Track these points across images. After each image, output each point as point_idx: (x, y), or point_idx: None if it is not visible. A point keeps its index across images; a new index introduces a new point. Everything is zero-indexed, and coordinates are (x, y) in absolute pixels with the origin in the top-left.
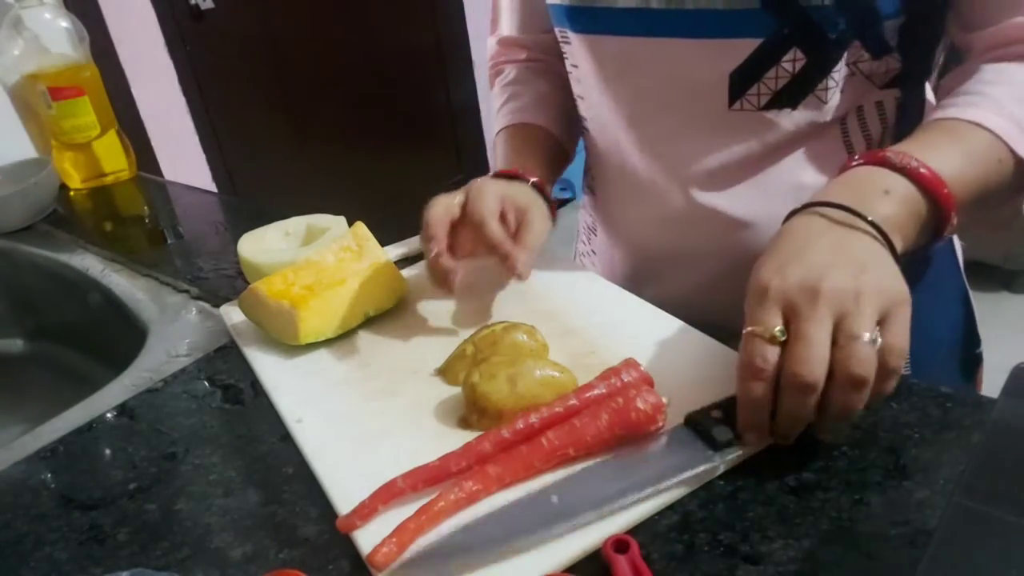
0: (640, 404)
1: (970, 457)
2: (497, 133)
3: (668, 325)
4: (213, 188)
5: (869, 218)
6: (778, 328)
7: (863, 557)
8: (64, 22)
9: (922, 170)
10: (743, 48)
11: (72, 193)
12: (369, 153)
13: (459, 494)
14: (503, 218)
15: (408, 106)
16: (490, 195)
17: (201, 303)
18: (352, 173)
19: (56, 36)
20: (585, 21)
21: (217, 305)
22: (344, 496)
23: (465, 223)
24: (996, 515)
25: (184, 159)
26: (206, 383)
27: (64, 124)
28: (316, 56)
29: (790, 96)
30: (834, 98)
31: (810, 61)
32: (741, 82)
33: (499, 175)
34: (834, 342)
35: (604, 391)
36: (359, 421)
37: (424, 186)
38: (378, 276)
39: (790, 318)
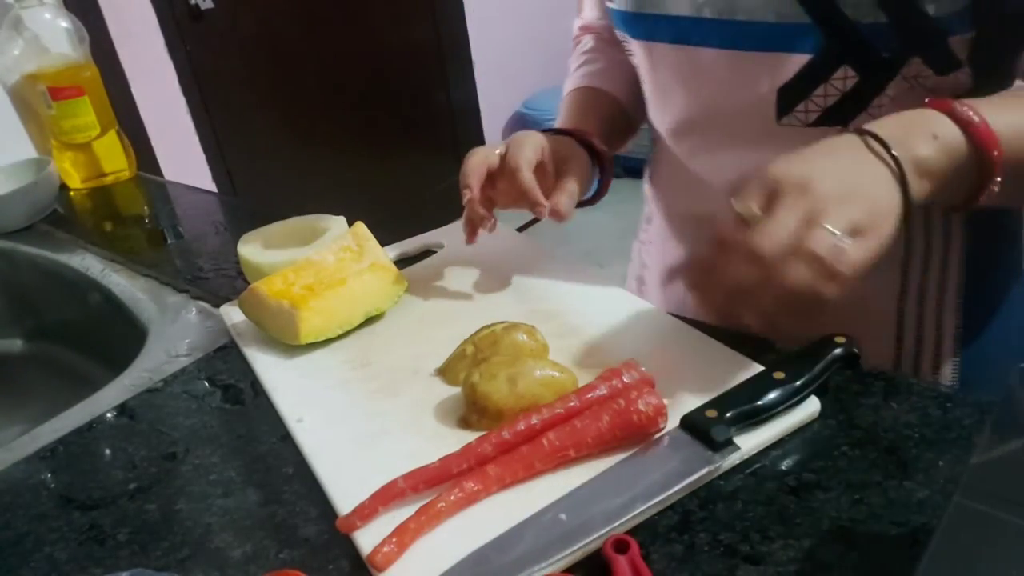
0: (641, 406)
1: (970, 457)
2: (565, 95)
3: (668, 325)
4: (213, 188)
5: (894, 152)
6: (756, 207)
7: (863, 557)
8: (64, 22)
9: (979, 124)
10: (793, 63)
11: (72, 193)
12: (369, 153)
13: (459, 494)
14: (542, 169)
15: (408, 106)
16: (529, 145)
17: (201, 303)
18: (352, 173)
19: (56, 36)
20: (641, 27)
21: (217, 305)
22: (344, 496)
23: (502, 173)
24: (996, 515)
25: (184, 159)
26: (206, 383)
27: (64, 124)
28: (316, 56)
29: (840, 114)
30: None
31: (862, 79)
32: (790, 97)
33: (547, 131)
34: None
35: (605, 392)
36: (359, 421)
37: (424, 186)
38: (378, 276)
39: (771, 196)
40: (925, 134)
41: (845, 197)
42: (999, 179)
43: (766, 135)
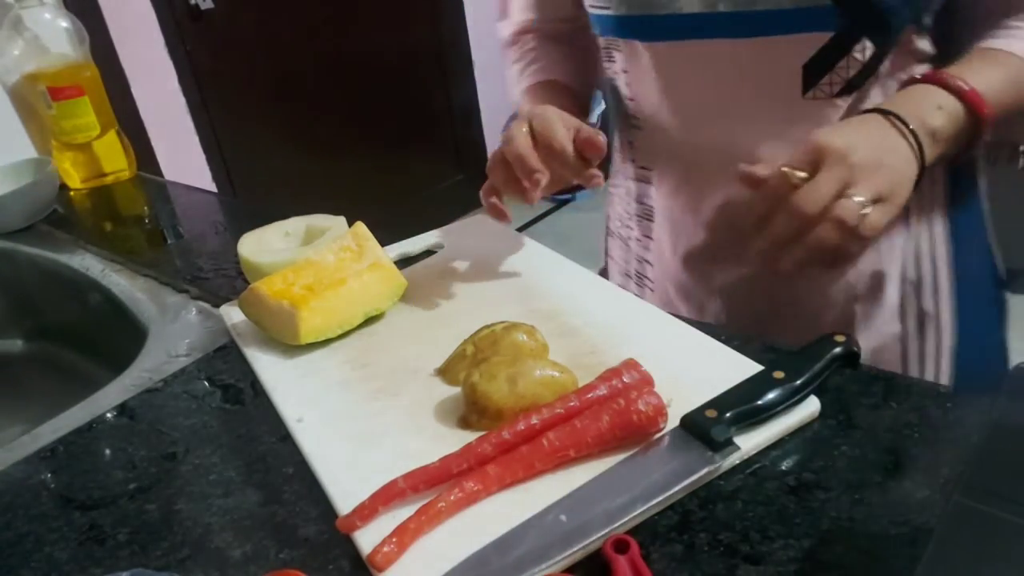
0: (641, 406)
1: (970, 457)
2: (522, 93)
3: (668, 325)
4: (213, 188)
5: (912, 127)
6: (801, 174)
7: (863, 557)
8: (64, 22)
9: (969, 91)
10: (814, 42)
11: (72, 193)
12: (369, 153)
13: (459, 494)
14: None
15: (408, 106)
16: (554, 119)
17: (201, 303)
18: (352, 173)
19: (56, 36)
20: (645, 28)
21: (217, 305)
22: (344, 496)
23: (539, 147)
24: (996, 515)
25: (184, 159)
26: (206, 383)
27: (64, 124)
28: (316, 56)
29: (860, 81)
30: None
31: (877, 48)
32: (815, 72)
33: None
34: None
35: (605, 392)
36: (359, 421)
37: (424, 186)
38: (378, 276)
39: (814, 164)
40: (931, 107)
41: (874, 169)
42: (988, 130)
43: (790, 110)
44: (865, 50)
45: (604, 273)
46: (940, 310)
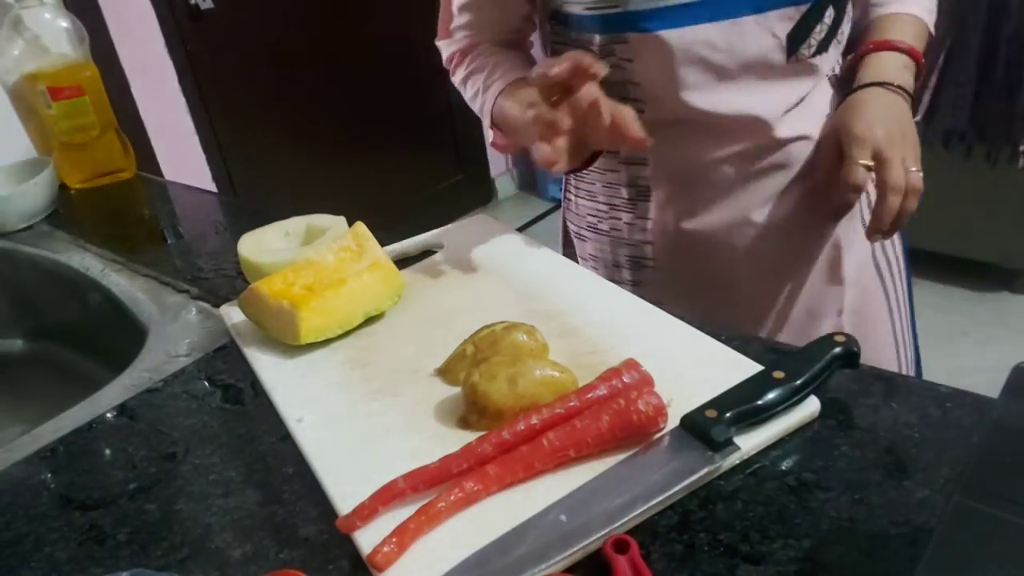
0: (641, 406)
1: (970, 457)
2: (495, 96)
3: (668, 325)
4: (213, 188)
5: (906, 90)
6: (869, 163)
7: (863, 557)
8: (64, 22)
9: (909, 47)
10: (794, 13)
11: (72, 193)
12: (369, 153)
13: (459, 494)
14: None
15: (408, 106)
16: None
17: (201, 303)
18: (352, 173)
19: (56, 36)
20: (643, 21)
21: (217, 305)
22: (344, 496)
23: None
24: (996, 515)
25: (184, 159)
26: (206, 383)
27: (64, 124)
28: (316, 56)
29: (826, 43)
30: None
31: (837, 14)
32: (796, 40)
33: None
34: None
35: (605, 392)
36: (359, 421)
37: (424, 186)
38: (378, 276)
39: (878, 155)
40: (901, 69)
41: (904, 139)
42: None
43: (777, 73)
44: (828, 16)
45: None
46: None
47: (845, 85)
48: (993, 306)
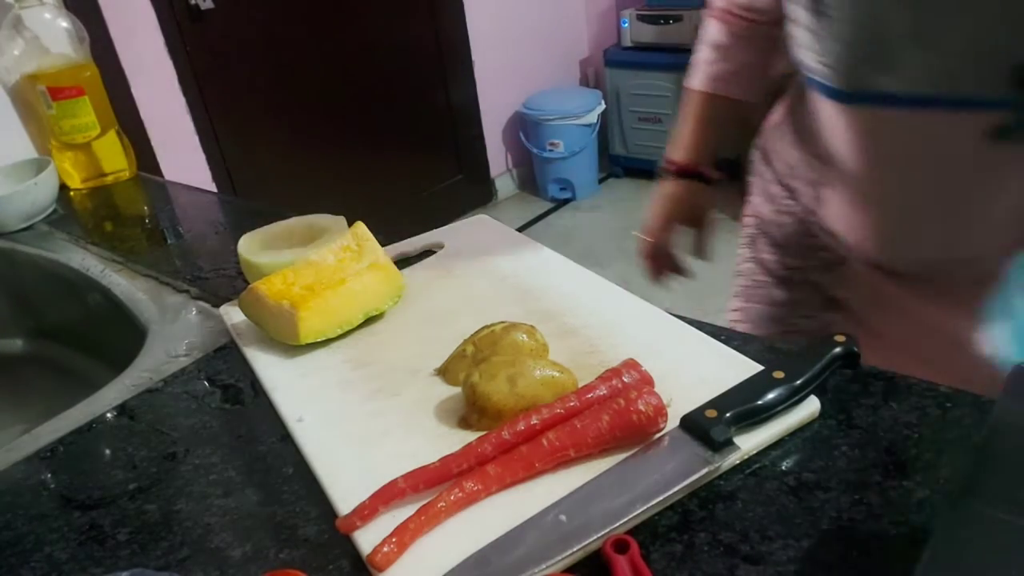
0: (641, 406)
1: (970, 457)
2: (691, 88)
3: (668, 325)
4: (213, 188)
5: None
6: None
7: (863, 557)
8: (64, 22)
9: None
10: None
11: (72, 193)
12: (369, 153)
13: (459, 494)
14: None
15: (408, 106)
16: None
17: (201, 303)
18: (352, 173)
19: (56, 36)
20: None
21: (217, 305)
22: (344, 496)
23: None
24: (996, 515)
25: (184, 159)
26: (206, 383)
27: (64, 124)
28: (316, 56)
29: None
30: None
31: None
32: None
33: (676, 171)
34: None
35: (605, 392)
36: (359, 421)
37: (424, 186)
38: (378, 276)
39: None
40: None
41: None
42: None
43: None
44: None
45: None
46: None
47: None
48: None
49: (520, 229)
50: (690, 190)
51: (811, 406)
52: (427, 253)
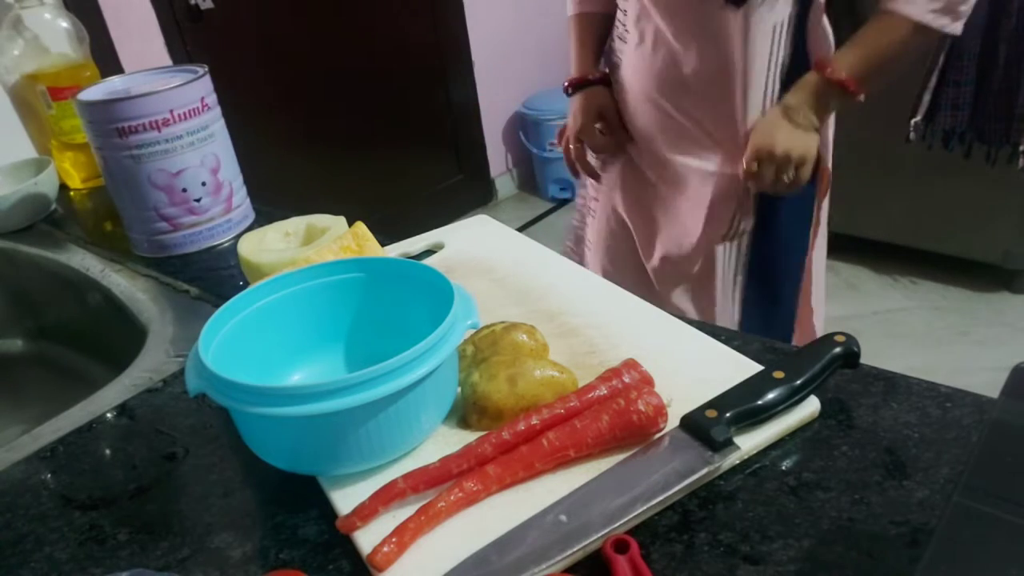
0: (641, 406)
1: (970, 457)
2: (569, 16)
3: (668, 325)
4: None
5: (804, 119)
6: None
7: (863, 557)
8: (64, 22)
9: (847, 80)
10: None
11: (72, 193)
12: (369, 153)
13: (459, 494)
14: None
15: (408, 106)
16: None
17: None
18: (352, 173)
19: (56, 36)
20: None
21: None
22: (344, 496)
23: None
24: (996, 515)
25: None
26: None
27: (64, 124)
28: (316, 56)
29: None
30: None
31: None
32: None
33: (571, 85)
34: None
35: (605, 392)
36: None
37: (424, 186)
38: None
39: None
40: (824, 103)
41: (788, 155)
42: (861, 97)
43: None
44: None
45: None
46: None
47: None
48: (993, 306)
49: (520, 229)
50: (588, 96)
51: (811, 406)
52: (427, 253)
